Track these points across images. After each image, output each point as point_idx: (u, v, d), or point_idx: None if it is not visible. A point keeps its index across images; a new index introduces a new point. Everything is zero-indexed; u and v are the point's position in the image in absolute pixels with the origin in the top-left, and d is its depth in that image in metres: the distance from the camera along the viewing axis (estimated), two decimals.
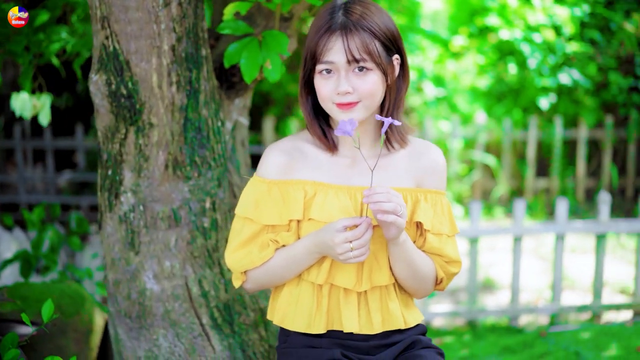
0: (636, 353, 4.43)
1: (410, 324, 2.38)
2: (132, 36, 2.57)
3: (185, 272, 2.74)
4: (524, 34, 8.60)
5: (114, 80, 2.61)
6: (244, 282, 2.40)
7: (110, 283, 2.81)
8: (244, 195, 2.36)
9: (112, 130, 2.67)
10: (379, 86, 2.25)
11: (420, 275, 2.34)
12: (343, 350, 2.30)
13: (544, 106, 8.80)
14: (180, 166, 2.69)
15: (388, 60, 2.26)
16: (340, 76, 2.23)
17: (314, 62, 2.26)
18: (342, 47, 2.21)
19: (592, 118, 9.10)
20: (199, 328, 2.76)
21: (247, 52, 2.64)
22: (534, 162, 9.09)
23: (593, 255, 6.93)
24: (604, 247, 5.38)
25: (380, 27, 2.23)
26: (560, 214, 5.27)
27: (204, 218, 2.75)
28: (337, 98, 2.24)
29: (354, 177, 2.32)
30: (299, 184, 2.30)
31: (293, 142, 2.36)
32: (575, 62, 8.82)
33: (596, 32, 8.92)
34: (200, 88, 2.69)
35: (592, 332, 4.82)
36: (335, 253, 2.18)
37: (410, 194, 2.34)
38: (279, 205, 2.29)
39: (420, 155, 2.39)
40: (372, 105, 2.26)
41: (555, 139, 9.02)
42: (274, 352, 2.90)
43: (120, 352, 2.84)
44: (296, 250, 2.29)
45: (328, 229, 2.19)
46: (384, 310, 2.34)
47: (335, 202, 2.27)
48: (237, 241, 2.35)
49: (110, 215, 2.75)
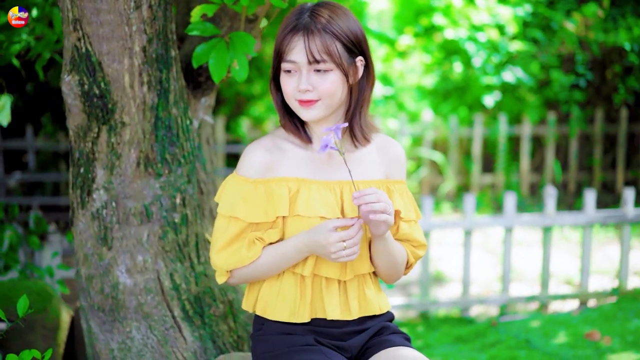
0: (584, 340, 4.61)
1: (383, 310, 2.52)
2: (104, 38, 2.66)
3: (157, 266, 2.83)
4: (469, 33, 8.80)
5: (86, 80, 2.69)
6: (228, 278, 2.47)
7: (83, 278, 2.88)
8: (227, 194, 2.43)
9: (84, 129, 2.75)
10: (338, 86, 2.36)
11: (396, 263, 2.48)
12: (316, 336, 2.41)
13: (488, 104, 9.02)
14: (151, 163, 2.78)
15: (350, 62, 2.37)
16: (302, 75, 2.35)
17: (279, 60, 2.38)
18: (303, 47, 2.33)
19: (535, 115, 9.34)
20: (171, 320, 2.85)
21: (216, 53, 2.74)
22: (479, 159, 9.30)
23: (538, 248, 7.18)
24: (550, 239, 5.57)
25: (343, 30, 2.34)
26: (509, 208, 5.44)
27: (175, 214, 2.84)
28: (298, 95, 2.36)
29: (330, 171, 2.44)
30: (282, 181, 2.39)
31: (272, 140, 2.46)
32: (518, 60, 9.05)
33: (538, 31, 9.16)
34: (170, 88, 2.79)
35: (541, 321, 4.99)
36: (327, 252, 2.29)
37: (383, 185, 2.48)
38: (265, 203, 2.38)
39: (385, 148, 2.52)
40: (332, 104, 2.38)
41: (499, 136, 9.25)
42: (242, 342, 3.01)
43: (93, 345, 2.92)
44: (285, 249, 2.38)
45: (320, 229, 2.30)
46: (361, 297, 2.47)
47: (317, 197, 2.38)
48: (223, 240, 2.42)
49: (83, 212, 2.82)
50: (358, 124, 2.45)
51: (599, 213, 5.62)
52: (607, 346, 4.49)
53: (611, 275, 6.40)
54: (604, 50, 9.24)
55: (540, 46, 9.23)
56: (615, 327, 4.83)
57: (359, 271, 2.44)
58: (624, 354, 4.36)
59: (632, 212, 5.62)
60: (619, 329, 4.80)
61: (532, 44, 9.15)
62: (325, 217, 2.37)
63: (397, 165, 2.53)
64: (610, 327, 4.82)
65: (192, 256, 2.90)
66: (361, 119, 2.45)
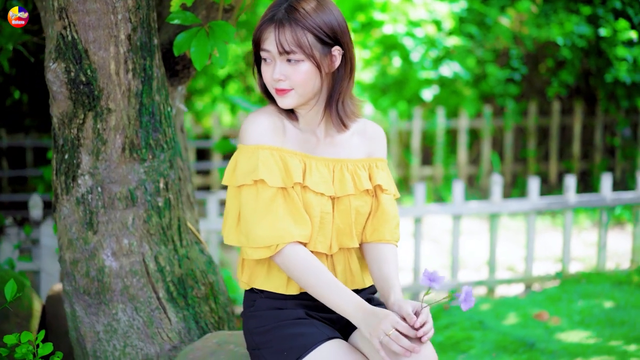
0: (533, 320, 4.81)
1: (367, 285, 2.64)
2: (90, 26, 2.72)
3: (143, 249, 2.90)
4: (407, 29, 8.98)
5: (73, 68, 2.74)
6: (275, 254, 2.45)
7: (68, 262, 2.93)
8: (242, 165, 2.45)
9: (69, 116, 2.80)
10: (310, 76, 2.46)
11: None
12: (307, 310, 2.52)
13: (427, 97, 9.22)
14: (136, 149, 2.85)
15: (325, 52, 2.47)
16: (275, 64, 2.46)
17: (257, 49, 2.49)
18: (273, 39, 2.44)
19: (472, 108, 9.57)
20: (156, 302, 2.92)
21: (197, 41, 2.82)
22: (419, 151, 9.50)
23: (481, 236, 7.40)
24: (497, 226, 5.77)
25: (316, 22, 2.44)
26: (457, 196, 5.62)
27: (159, 198, 2.91)
28: (274, 84, 2.48)
29: (319, 148, 2.55)
30: (291, 153, 2.49)
31: (270, 110, 2.55)
32: (455, 55, 9.27)
33: (473, 26, 9.41)
34: (153, 75, 2.86)
35: (490, 304, 5.18)
36: (376, 327, 2.29)
37: (366, 163, 2.61)
38: (282, 170, 2.45)
39: (365, 130, 2.66)
40: (305, 93, 2.48)
41: (438, 129, 9.46)
42: (223, 322, 3.10)
43: (77, 329, 2.97)
44: (339, 289, 2.40)
45: (385, 317, 2.30)
46: (347, 272, 2.58)
47: (317, 173, 2.49)
48: (260, 209, 2.42)
49: (67, 198, 2.88)
50: (335, 111, 2.54)
51: (542, 200, 5.84)
52: (556, 326, 4.70)
53: (551, 261, 6.65)
54: (537, 45, 9.53)
55: (475, 41, 9.47)
56: (562, 308, 5.04)
57: (345, 245, 2.56)
58: (573, 332, 4.57)
59: (573, 199, 5.85)
60: (565, 309, 5.01)
61: (468, 39, 9.38)
62: (324, 194, 2.48)
63: (377, 144, 2.66)
64: (557, 308, 5.03)
65: (175, 239, 2.97)
66: (339, 107, 2.54)
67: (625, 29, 8.05)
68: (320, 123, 2.57)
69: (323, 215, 2.50)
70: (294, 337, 2.43)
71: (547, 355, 4.15)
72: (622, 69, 8.24)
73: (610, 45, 8.33)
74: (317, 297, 2.43)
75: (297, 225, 2.44)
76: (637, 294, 5.27)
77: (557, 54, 9.18)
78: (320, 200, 2.49)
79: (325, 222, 2.51)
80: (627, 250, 6.71)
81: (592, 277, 5.71)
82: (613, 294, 5.28)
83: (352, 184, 2.56)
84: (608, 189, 5.96)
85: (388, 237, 2.61)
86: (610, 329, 4.59)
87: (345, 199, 2.54)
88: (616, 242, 6.97)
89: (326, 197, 2.51)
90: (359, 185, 2.56)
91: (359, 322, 2.35)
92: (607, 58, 8.63)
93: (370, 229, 2.61)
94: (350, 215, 2.55)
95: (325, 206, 2.51)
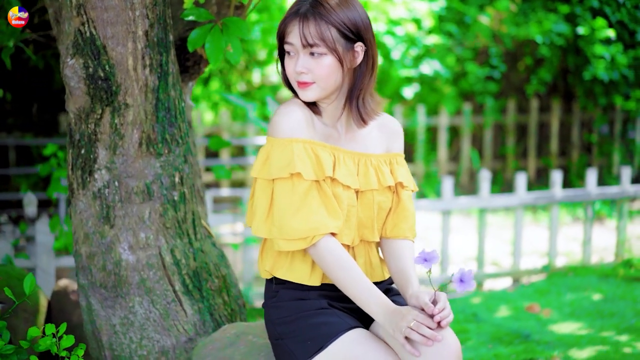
0: (525, 312, 4.90)
1: (386, 277, 2.70)
2: (108, 22, 2.76)
3: (159, 243, 2.94)
4: (387, 27, 9.06)
5: (91, 63, 2.78)
6: (310, 246, 2.49)
7: (84, 256, 2.96)
8: (276, 158, 2.48)
9: (86, 111, 2.83)
10: (333, 70, 2.51)
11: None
12: (329, 300, 2.57)
13: (407, 95, 9.31)
14: (152, 143, 2.88)
15: (347, 48, 2.52)
16: (299, 57, 2.51)
17: (282, 42, 2.54)
18: (297, 32, 2.49)
19: (452, 106, 9.68)
20: (172, 294, 2.96)
21: (211, 37, 2.86)
22: None
23: (465, 232, 7.49)
24: (485, 221, 5.86)
25: (341, 17, 2.49)
26: (447, 192, 5.70)
27: (174, 192, 2.95)
28: (296, 77, 2.52)
29: (341, 143, 2.60)
30: (321, 146, 2.53)
31: (298, 102, 2.59)
32: (435, 53, 9.37)
33: (453, 25, 9.51)
34: (169, 70, 2.90)
35: (481, 298, 5.26)
36: (399, 323, 2.35)
37: (387, 159, 2.66)
38: (314, 163, 2.49)
39: (384, 125, 2.70)
40: (327, 87, 2.53)
41: (418, 126, 9.55)
42: (235, 315, 3.14)
43: (93, 322, 3.00)
44: (367, 287, 2.45)
45: (408, 312, 2.35)
46: (368, 264, 2.64)
47: (344, 166, 2.55)
48: (295, 202, 2.46)
49: (84, 192, 2.91)
50: (356, 107, 2.59)
51: (529, 195, 5.93)
52: (547, 318, 4.79)
53: (535, 256, 6.75)
54: (516, 43, 9.66)
55: (455, 40, 9.57)
56: (552, 300, 5.14)
57: (366, 238, 2.61)
58: (565, 324, 4.66)
59: (559, 194, 5.95)
60: (555, 302, 5.10)
61: (448, 37, 9.48)
62: (350, 187, 2.53)
63: (396, 139, 2.71)
64: (546, 301, 5.13)
65: (190, 232, 3.01)
66: (359, 103, 2.58)
67: (603, 28, 8.20)
68: (341, 118, 2.61)
69: (349, 208, 2.55)
70: (317, 326, 2.48)
71: (543, 345, 4.23)
72: (599, 66, 8.38)
73: (588, 43, 8.48)
74: (343, 290, 2.48)
75: (330, 217, 2.48)
76: (623, 287, 5.39)
77: (536, 52, 9.31)
78: (347, 193, 2.54)
79: (351, 215, 2.56)
80: (609, 245, 6.84)
81: (578, 270, 5.83)
82: (600, 287, 5.39)
83: (376, 179, 2.61)
84: (593, 184, 6.06)
85: (407, 234, 2.67)
86: (601, 321, 4.68)
87: (369, 193, 2.59)
88: (597, 237, 7.09)
89: (352, 190, 2.56)
90: (382, 181, 2.61)
91: (383, 321, 2.40)
92: (585, 56, 8.78)
93: (391, 224, 2.67)
94: (372, 210, 2.61)
95: (351, 199, 2.56)
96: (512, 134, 9.93)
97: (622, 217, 6.19)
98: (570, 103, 10.01)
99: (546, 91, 9.92)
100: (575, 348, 4.17)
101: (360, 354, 2.41)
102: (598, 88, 9.03)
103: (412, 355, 2.33)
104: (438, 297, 2.40)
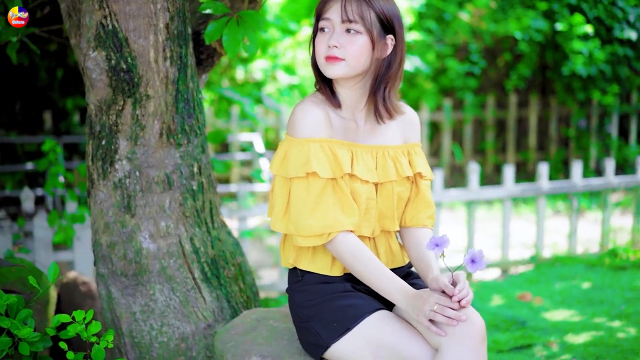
0: (517, 301, 5.01)
1: (406, 262, 2.80)
2: (130, 15, 2.82)
3: (179, 231, 3.00)
4: None
5: (113, 56, 2.84)
6: (328, 241, 2.57)
7: (104, 246, 3.02)
8: (294, 157, 2.55)
9: (108, 102, 2.89)
10: (364, 51, 2.57)
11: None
12: (353, 283, 2.65)
13: None
14: (172, 134, 2.95)
15: (381, 35, 2.59)
16: (335, 32, 2.57)
17: (318, 21, 2.61)
18: (339, 7, 2.55)
19: (432, 102, 9.77)
20: (191, 282, 3.03)
21: (228, 30, 2.93)
22: None
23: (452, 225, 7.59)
24: (474, 213, 5.97)
25: (381, 5, 2.57)
26: (437, 184, 5.80)
27: (193, 181, 3.02)
28: (327, 51, 2.57)
29: (360, 136, 2.66)
30: (338, 143, 2.60)
31: (315, 99, 2.65)
32: (415, 50, 9.45)
33: (433, 22, 9.61)
34: (188, 62, 2.97)
35: (473, 288, 5.36)
36: (422, 307, 2.44)
37: (405, 149, 2.73)
38: (332, 162, 2.56)
39: (402, 115, 2.76)
40: (355, 67, 2.58)
41: None
42: (250, 302, 3.21)
43: (113, 310, 3.06)
44: (387, 276, 2.53)
45: (428, 296, 2.44)
46: (388, 252, 2.73)
47: (362, 162, 2.61)
48: (311, 201, 2.53)
49: (104, 183, 2.96)
50: (382, 99, 2.64)
51: (517, 187, 6.05)
52: (539, 305, 4.90)
53: (521, 247, 6.86)
54: (496, 40, 9.79)
55: (435, 36, 9.68)
56: (542, 289, 5.25)
57: (387, 228, 2.69)
58: (557, 311, 4.77)
59: (546, 185, 6.07)
60: (545, 291, 5.22)
61: (428, 34, 9.58)
62: (369, 181, 2.60)
63: (413, 129, 2.78)
64: (537, 290, 5.24)
65: (208, 221, 3.08)
66: (385, 95, 2.64)
67: (581, 24, 8.35)
68: (363, 109, 2.68)
69: (368, 201, 2.63)
70: (343, 308, 2.56)
71: (539, 331, 4.34)
72: (578, 62, 8.53)
73: (567, 39, 8.63)
74: (364, 281, 2.57)
75: (345, 214, 2.55)
76: (610, 275, 5.51)
77: (515, 48, 9.45)
78: (366, 188, 2.62)
79: (370, 208, 2.64)
80: (592, 236, 6.98)
81: (565, 260, 5.95)
82: (588, 276, 5.51)
83: (394, 170, 2.68)
84: (578, 176, 6.19)
85: (426, 222, 2.76)
86: (592, 308, 4.80)
87: (388, 184, 2.67)
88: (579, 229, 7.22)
89: (371, 183, 2.63)
90: (400, 171, 2.69)
91: (406, 306, 2.49)
92: (563, 51, 8.92)
93: (410, 214, 2.75)
94: (392, 200, 2.68)
95: (370, 193, 2.63)
96: (492, 129, 10.06)
97: (607, 208, 6.32)
98: (547, 98, 10.16)
99: (525, 87, 10.06)
100: (571, 334, 4.28)
101: (385, 335, 2.49)
102: (576, 83, 9.18)
103: (439, 335, 2.41)
104: (457, 278, 2.49)
